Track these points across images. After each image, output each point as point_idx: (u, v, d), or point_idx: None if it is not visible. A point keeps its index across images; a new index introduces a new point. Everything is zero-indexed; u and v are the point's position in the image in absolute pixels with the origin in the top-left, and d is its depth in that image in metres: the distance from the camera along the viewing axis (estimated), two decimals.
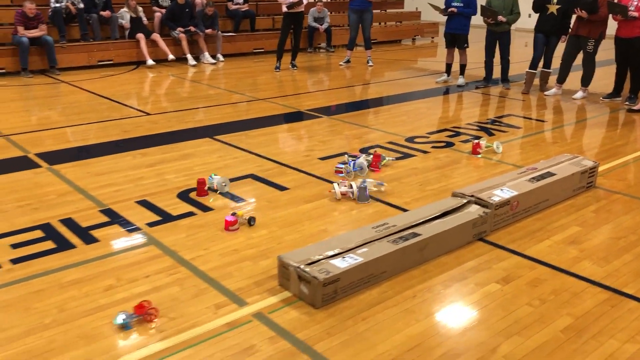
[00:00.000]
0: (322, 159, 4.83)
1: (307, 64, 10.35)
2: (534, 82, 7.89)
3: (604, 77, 7.95)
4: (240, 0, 11.58)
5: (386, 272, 2.95)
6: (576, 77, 7.62)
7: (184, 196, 4.00)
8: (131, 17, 9.88)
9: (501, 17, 7.57)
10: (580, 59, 7.38)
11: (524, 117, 6.51)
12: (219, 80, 8.94)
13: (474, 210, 3.42)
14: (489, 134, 5.73)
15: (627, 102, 7.07)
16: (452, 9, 7.89)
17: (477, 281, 2.95)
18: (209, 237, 3.38)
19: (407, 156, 4.96)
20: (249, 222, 3.50)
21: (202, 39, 10.19)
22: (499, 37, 7.83)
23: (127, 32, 9.92)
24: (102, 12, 9.74)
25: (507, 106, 7.10)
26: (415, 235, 3.11)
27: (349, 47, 10.21)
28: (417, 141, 5.43)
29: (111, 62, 9.62)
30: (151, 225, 3.53)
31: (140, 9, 10.02)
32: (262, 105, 7.02)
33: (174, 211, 3.74)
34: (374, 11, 10.31)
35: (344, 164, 4.49)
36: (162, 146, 5.20)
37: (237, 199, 3.97)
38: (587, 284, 2.94)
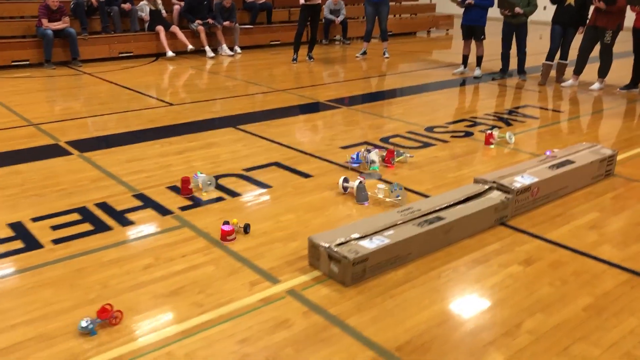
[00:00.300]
0: (343, 148, 4.94)
1: (323, 56, 10.45)
2: (551, 74, 7.94)
3: (621, 69, 7.97)
4: None
5: (412, 254, 3.06)
6: (593, 68, 7.66)
7: None
8: (150, 10, 10.03)
9: (518, 9, 7.62)
10: (597, 50, 7.42)
11: (541, 108, 6.57)
12: (237, 72, 9.07)
13: (496, 195, 3.53)
14: (507, 124, 5.81)
15: None
16: (470, 1, 7.95)
17: (500, 263, 3.06)
18: (239, 220, 3.51)
19: (427, 145, 5.06)
20: (245, 230, 3.30)
21: (220, 31, 10.33)
22: (515, 29, 7.89)
23: (146, 25, 10.07)
24: (122, 5, 9.90)
25: (524, 97, 7.17)
26: (439, 219, 3.22)
27: (366, 39, 10.29)
28: (436, 131, 5.53)
29: (131, 54, 9.79)
30: (183, 209, 3.67)
31: (159, 2, 10.18)
32: (281, 96, 7.14)
33: (203, 196, 3.88)
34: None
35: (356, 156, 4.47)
36: (187, 135, 5.34)
37: (263, 186, 4.10)
38: (607, 266, 3.04)
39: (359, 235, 2.98)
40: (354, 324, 2.51)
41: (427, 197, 3.84)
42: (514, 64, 8.25)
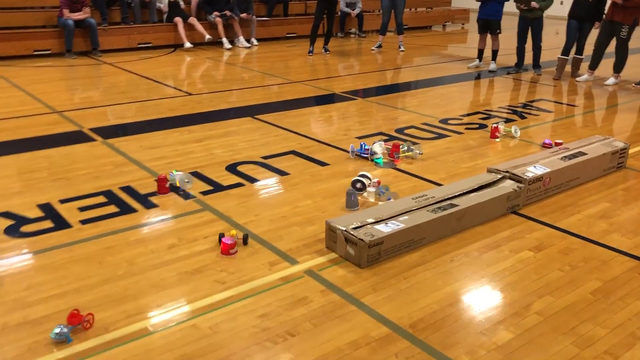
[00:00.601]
0: (359, 138, 5.04)
1: (339, 49, 10.53)
2: (566, 69, 7.97)
3: (636, 64, 7.98)
4: None
5: (425, 239, 3.17)
6: (608, 63, 7.68)
7: (232, 169, 4.26)
8: (169, 1, 10.17)
9: (534, 4, 7.65)
10: (612, 45, 7.44)
11: (555, 102, 6.62)
12: (254, 63, 9.18)
13: (508, 185, 3.62)
14: (521, 117, 5.88)
15: None
16: None
17: (511, 248, 3.15)
18: (258, 205, 3.65)
19: (441, 136, 5.15)
20: (244, 241, 3.13)
21: (237, 23, 10.45)
22: (531, 23, 7.92)
23: (164, 16, 10.22)
24: None
25: (539, 91, 7.21)
26: (452, 205, 3.32)
27: (381, 32, 10.36)
28: (450, 123, 5.61)
29: (150, 44, 9.94)
30: (204, 193, 3.80)
31: None
32: (297, 87, 7.25)
33: (224, 182, 4.01)
34: None
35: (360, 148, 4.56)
36: (206, 124, 5.47)
37: (281, 173, 4.21)
38: (616, 253, 3.12)
39: (374, 220, 3.09)
40: (369, 302, 2.63)
41: (440, 185, 3.94)
42: (529, 58, 8.28)
